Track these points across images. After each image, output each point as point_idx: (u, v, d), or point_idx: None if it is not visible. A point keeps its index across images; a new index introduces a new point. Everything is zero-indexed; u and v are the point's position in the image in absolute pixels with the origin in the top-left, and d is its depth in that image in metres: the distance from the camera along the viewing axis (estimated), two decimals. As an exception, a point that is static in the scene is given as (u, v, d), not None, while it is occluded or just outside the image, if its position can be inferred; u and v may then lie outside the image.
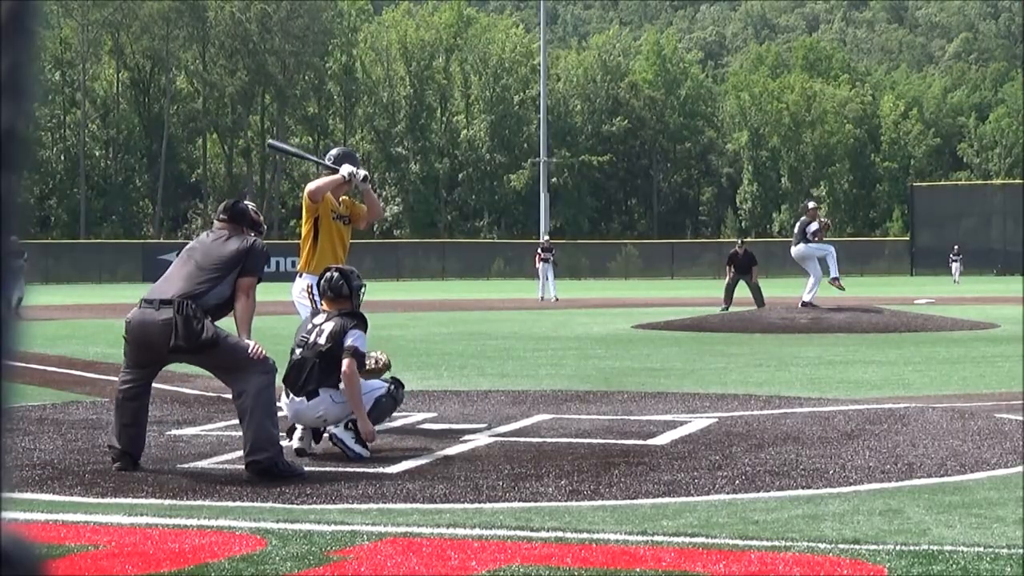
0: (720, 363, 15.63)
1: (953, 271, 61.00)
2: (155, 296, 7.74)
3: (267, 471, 7.35)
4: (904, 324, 22.92)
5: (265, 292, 9.98)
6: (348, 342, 8.10)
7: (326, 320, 8.31)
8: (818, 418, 10.08)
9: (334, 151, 9.74)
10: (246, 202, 8.42)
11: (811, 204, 25.42)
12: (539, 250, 38.37)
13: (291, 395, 8.22)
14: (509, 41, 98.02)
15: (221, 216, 8.10)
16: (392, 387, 8.58)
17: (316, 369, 8.13)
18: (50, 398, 11.70)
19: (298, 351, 8.29)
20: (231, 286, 7.75)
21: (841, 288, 24.10)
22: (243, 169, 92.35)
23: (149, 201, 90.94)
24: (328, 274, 8.53)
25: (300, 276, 9.37)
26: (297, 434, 8.34)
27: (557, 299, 36.29)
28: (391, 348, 13.53)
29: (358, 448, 8.11)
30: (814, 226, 23.99)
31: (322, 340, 8.18)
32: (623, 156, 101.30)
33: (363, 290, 8.65)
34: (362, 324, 8.31)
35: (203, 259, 7.80)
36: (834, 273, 23.88)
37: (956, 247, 63.23)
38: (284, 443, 8.11)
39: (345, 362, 8.03)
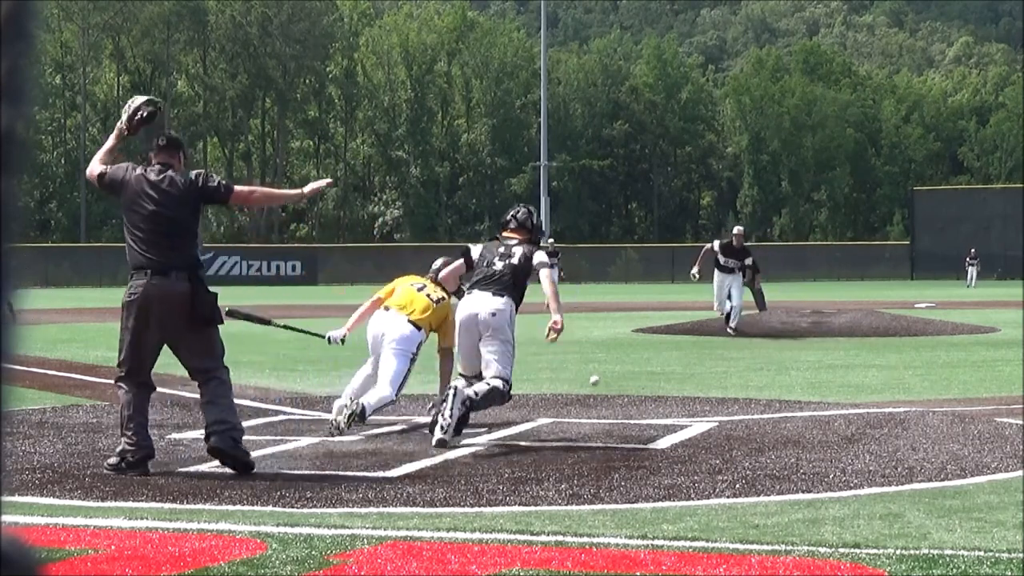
0: (720, 367, 15.63)
1: (969, 275, 59.74)
2: (148, 265, 7.71)
3: (225, 449, 7.56)
4: (904, 328, 22.93)
5: (262, 296, 9.97)
6: (537, 259, 9.63)
7: (516, 245, 9.75)
8: (818, 422, 10.08)
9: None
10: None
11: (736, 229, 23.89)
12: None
13: (474, 290, 9.53)
14: (511, 45, 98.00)
15: (160, 143, 8.02)
16: (504, 387, 9.24)
17: (508, 278, 9.48)
18: (50, 402, 11.69)
19: (498, 263, 9.59)
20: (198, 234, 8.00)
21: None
22: (243, 172, 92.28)
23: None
24: (520, 208, 10.16)
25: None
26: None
27: None
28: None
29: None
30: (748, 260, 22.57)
31: (515, 260, 9.58)
32: (623, 160, 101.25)
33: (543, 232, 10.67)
34: (540, 249, 9.98)
35: (173, 214, 7.76)
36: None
37: (973, 250, 61.75)
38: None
39: (544, 272, 9.63)
